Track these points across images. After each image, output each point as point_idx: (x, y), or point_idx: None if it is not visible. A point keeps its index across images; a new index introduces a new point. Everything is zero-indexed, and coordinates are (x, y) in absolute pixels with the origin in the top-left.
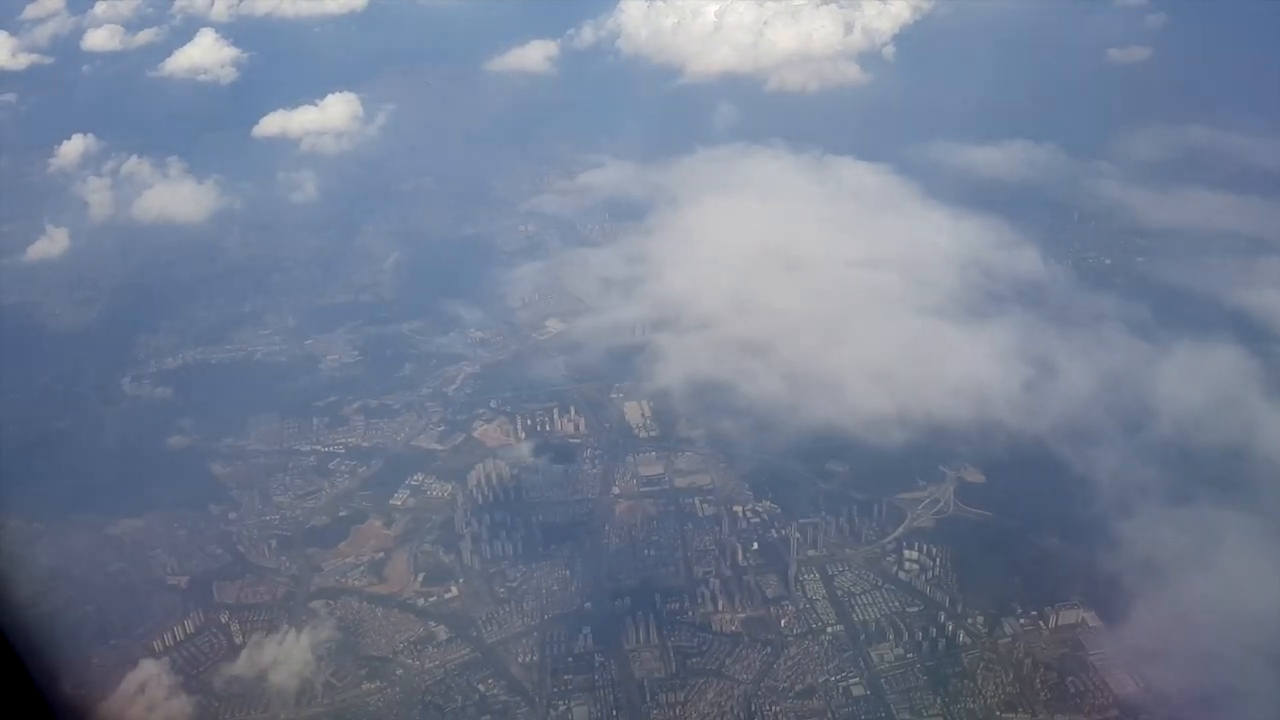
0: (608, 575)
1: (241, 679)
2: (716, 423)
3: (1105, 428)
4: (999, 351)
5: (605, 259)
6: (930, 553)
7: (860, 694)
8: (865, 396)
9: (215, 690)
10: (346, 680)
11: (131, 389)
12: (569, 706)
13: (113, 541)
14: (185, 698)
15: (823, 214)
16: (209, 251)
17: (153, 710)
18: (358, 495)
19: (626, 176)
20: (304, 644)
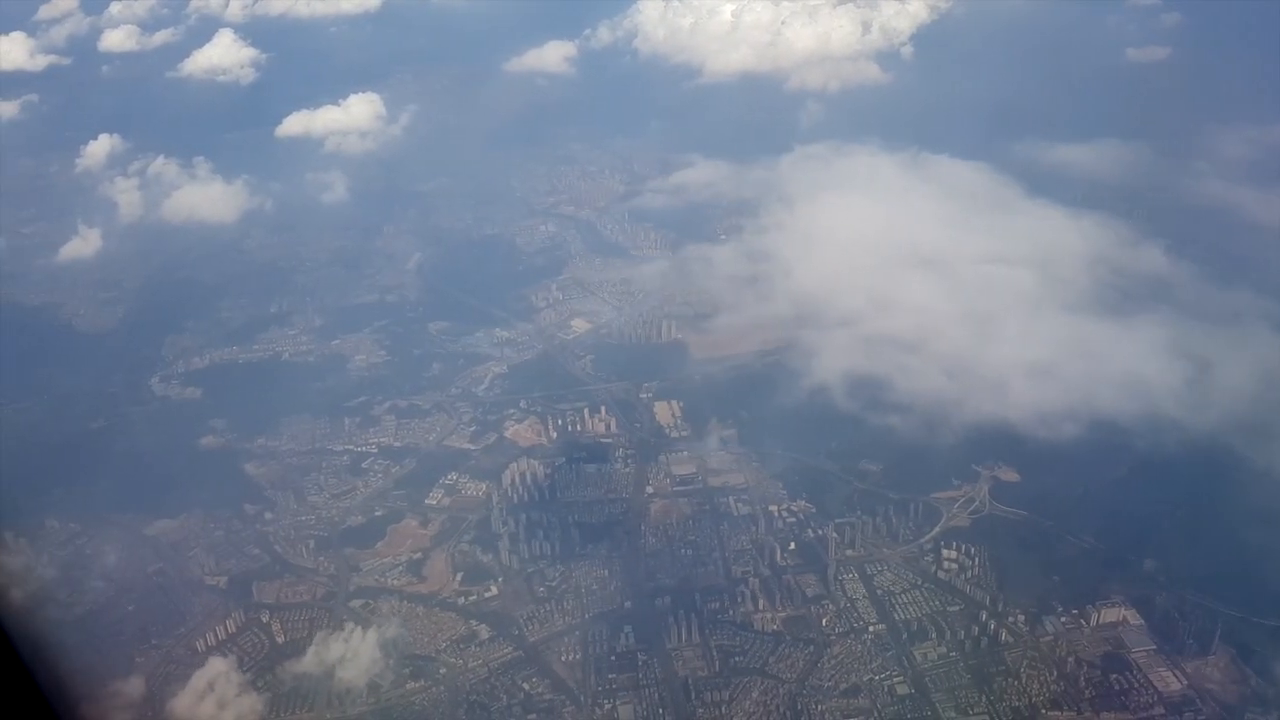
0: (646, 574)
1: (289, 678)
2: (883, 418)
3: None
4: (1152, 348)
5: (727, 256)
6: (968, 552)
7: (905, 693)
8: (1032, 393)
9: (263, 689)
10: (391, 679)
11: (161, 389)
12: (614, 705)
13: (150, 542)
14: (244, 696)
15: (934, 211)
16: (234, 252)
17: (202, 709)
18: (392, 495)
19: (722, 175)
20: (370, 641)
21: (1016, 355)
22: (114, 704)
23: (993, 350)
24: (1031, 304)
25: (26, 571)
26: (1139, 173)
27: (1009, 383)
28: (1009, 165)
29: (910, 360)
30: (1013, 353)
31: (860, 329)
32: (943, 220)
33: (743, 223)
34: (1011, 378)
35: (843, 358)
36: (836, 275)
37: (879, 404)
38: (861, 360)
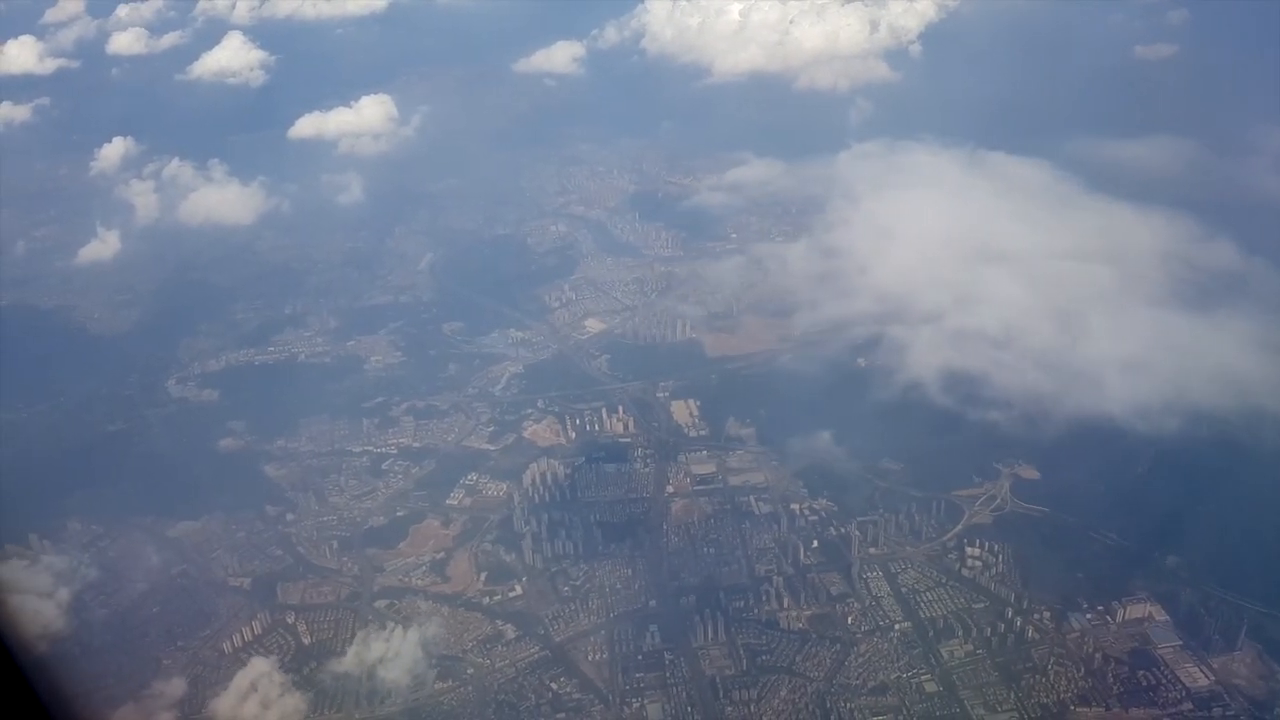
0: (669, 573)
1: (327, 678)
2: (984, 414)
3: None
4: (1243, 341)
5: (801, 253)
6: (992, 549)
7: (934, 690)
8: (1130, 387)
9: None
10: (417, 679)
11: (178, 391)
12: (642, 704)
13: (173, 544)
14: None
15: (1000, 208)
16: (247, 254)
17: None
18: (413, 495)
19: (777, 173)
20: (412, 641)
21: (1108, 350)
22: (154, 704)
23: (1083, 345)
24: (1113, 299)
25: (71, 572)
26: (1196, 168)
27: (1105, 377)
28: (1065, 161)
29: (1002, 355)
30: (1103, 347)
31: (945, 325)
32: (1010, 216)
33: (808, 220)
34: (1106, 372)
35: (934, 353)
36: (913, 271)
37: (976, 400)
38: (954, 356)
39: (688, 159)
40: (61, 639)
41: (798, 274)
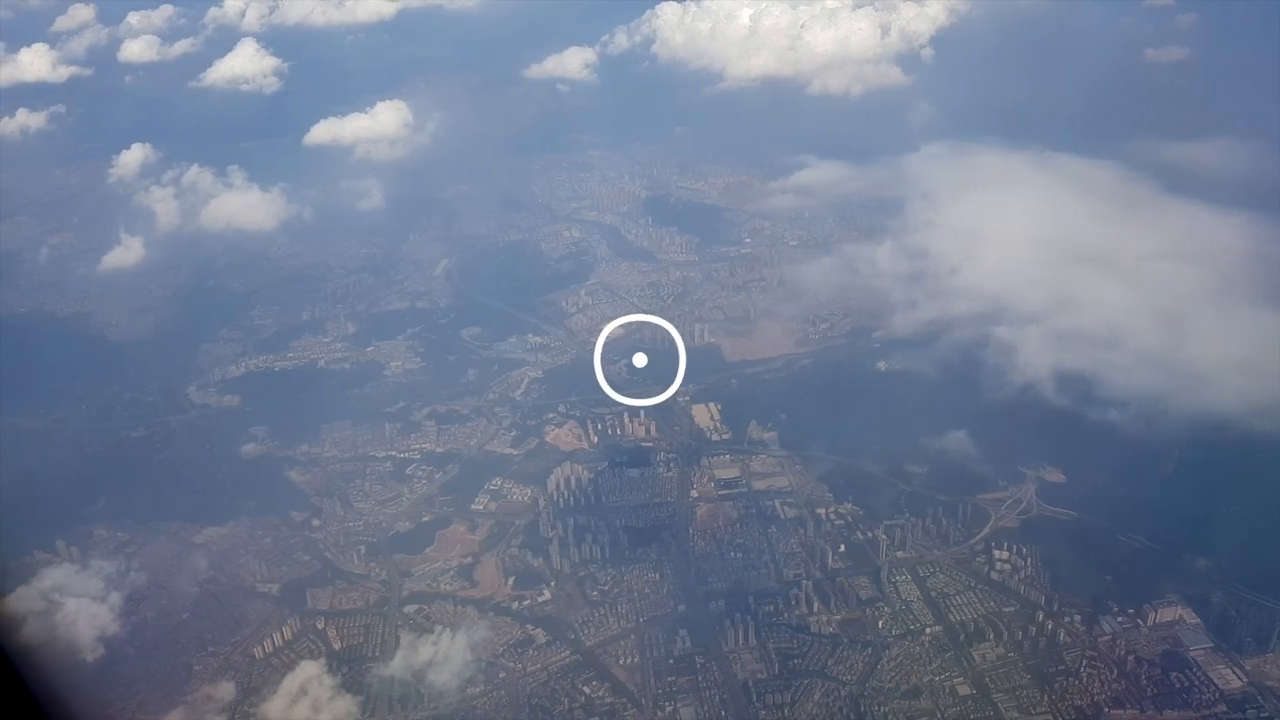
0: (697, 578)
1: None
2: (1102, 413)
3: None
4: None
5: (887, 254)
6: (1020, 552)
7: (967, 693)
8: (1248, 387)
9: None
10: (451, 685)
11: (199, 397)
12: (675, 708)
13: (199, 549)
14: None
15: (1079, 209)
16: (263, 260)
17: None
18: (438, 500)
19: (845, 175)
20: (461, 644)
21: (1218, 350)
22: (205, 708)
23: (1192, 345)
24: (1213, 300)
25: (120, 577)
26: (1261, 169)
27: (1220, 378)
28: (1131, 163)
29: (1113, 356)
30: (1213, 348)
31: (1049, 325)
32: (1091, 217)
33: (886, 222)
34: (1220, 373)
35: (1044, 354)
36: (1006, 272)
37: (1092, 400)
38: (1065, 356)
39: (697, 163)
40: (116, 642)
41: (888, 275)
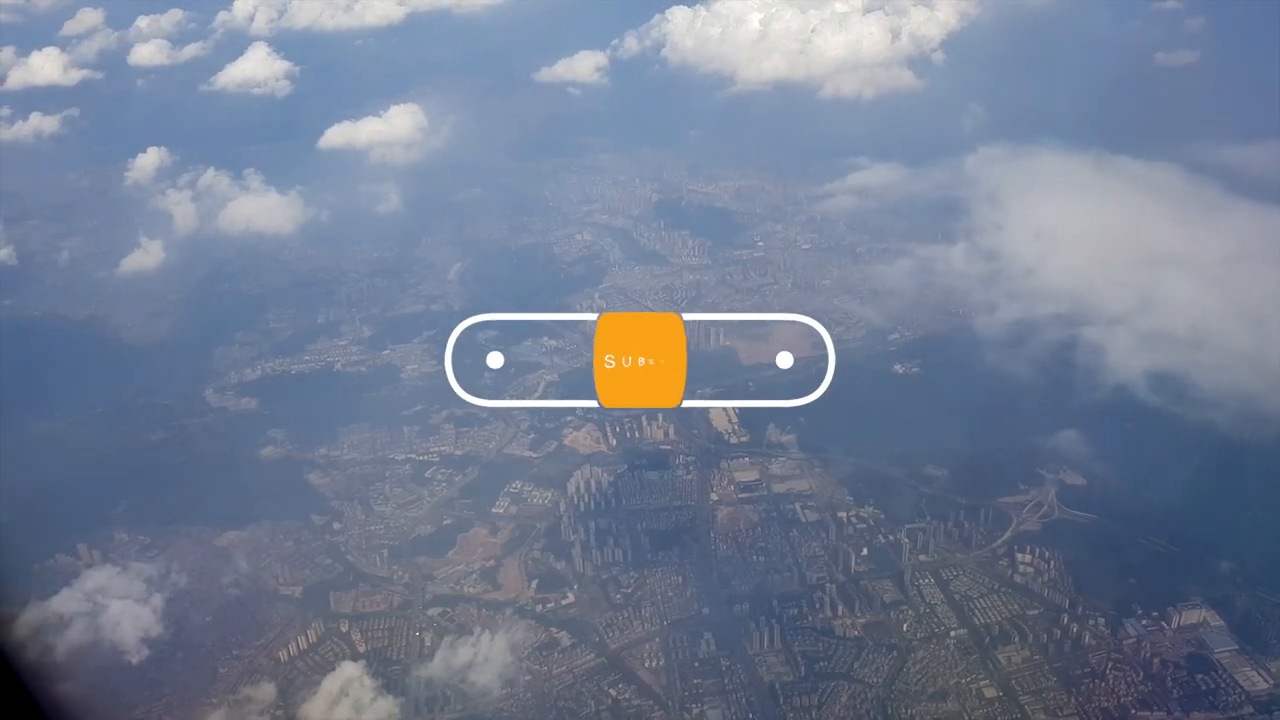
0: (720, 581)
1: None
2: (1204, 414)
3: None
4: None
5: (960, 256)
6: (1043, 555)
7: (993, 695)
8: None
9: None
10: (477, 688)
11: (216, 400)
12: (702, 710)
13: (221, 553)
14: None
15: (1147, 211)
16: (274, 263)
17: None
18: (458, 503)
19: (900, 178)
20: (501, 645)
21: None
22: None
23: None
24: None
25: (161, 578)
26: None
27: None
28: (1191, 165)
29: (1207, 358)
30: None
31: (1136, 325)
32: (1161, 219)
33: (950, 224)
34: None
35: (1136, 355)
36: (1084, 273)
37: (1188, 400)
38: (1157, 358)
39: (709, 167)
40: (161, 644)
41: (964, 276)
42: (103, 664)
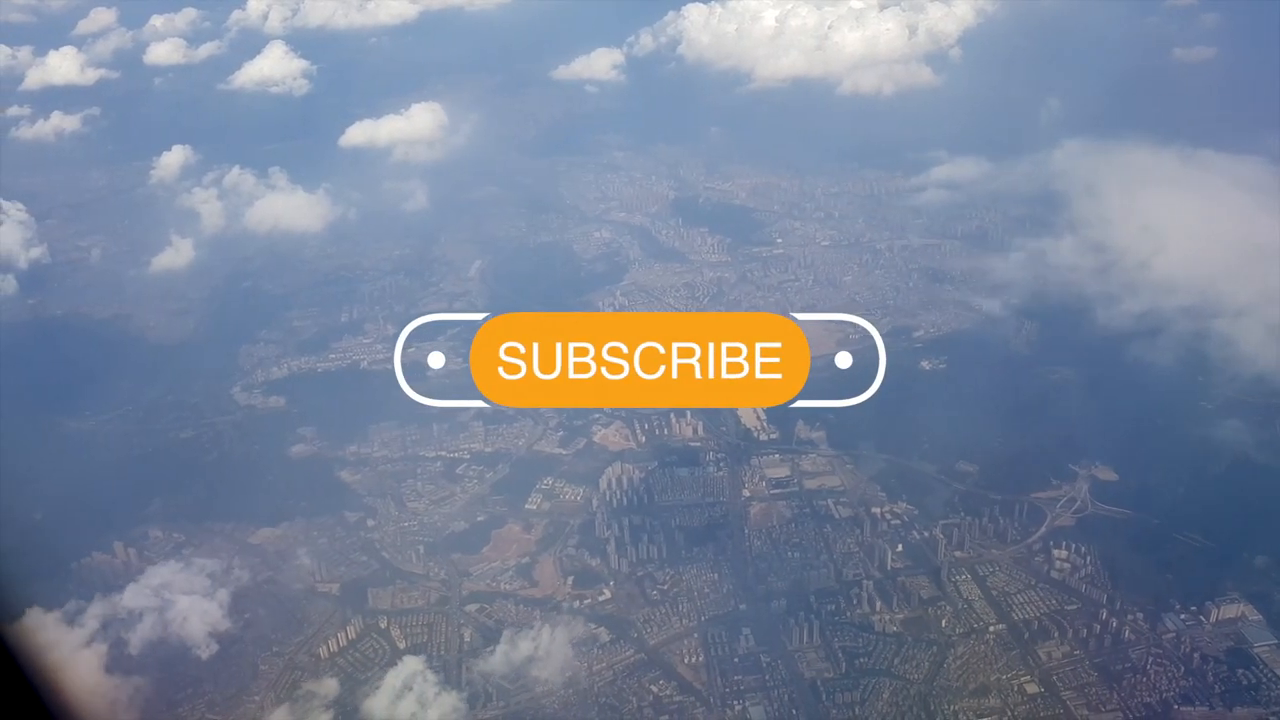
0: (756, 577)
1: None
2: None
3: None
4: None
5: (1068, 249)
6: (1079, 551)
7: (1035, 691)
8: None
9: None
10: (518, 683)
11: (244, 399)
12: (744, 706)
13: (256, 550)
14: None
15: (1245, 203)
16: (296, 262)
17: None
18: (491, 500)
19: (986, 172)
20: (561, 640)
21: None
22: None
23: None
24: None
25: (225, 574)
26: None
27: None
28: (1276, 158)
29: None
30: None
31: (1266, 316)
32: (1263, 210)
33: (1049, 218)
34: None
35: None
36: (1199, 265)
37: None
38: None
39: (724, 164)
40: (228, 638)
41: (1078, 269)
42: (145, 661)
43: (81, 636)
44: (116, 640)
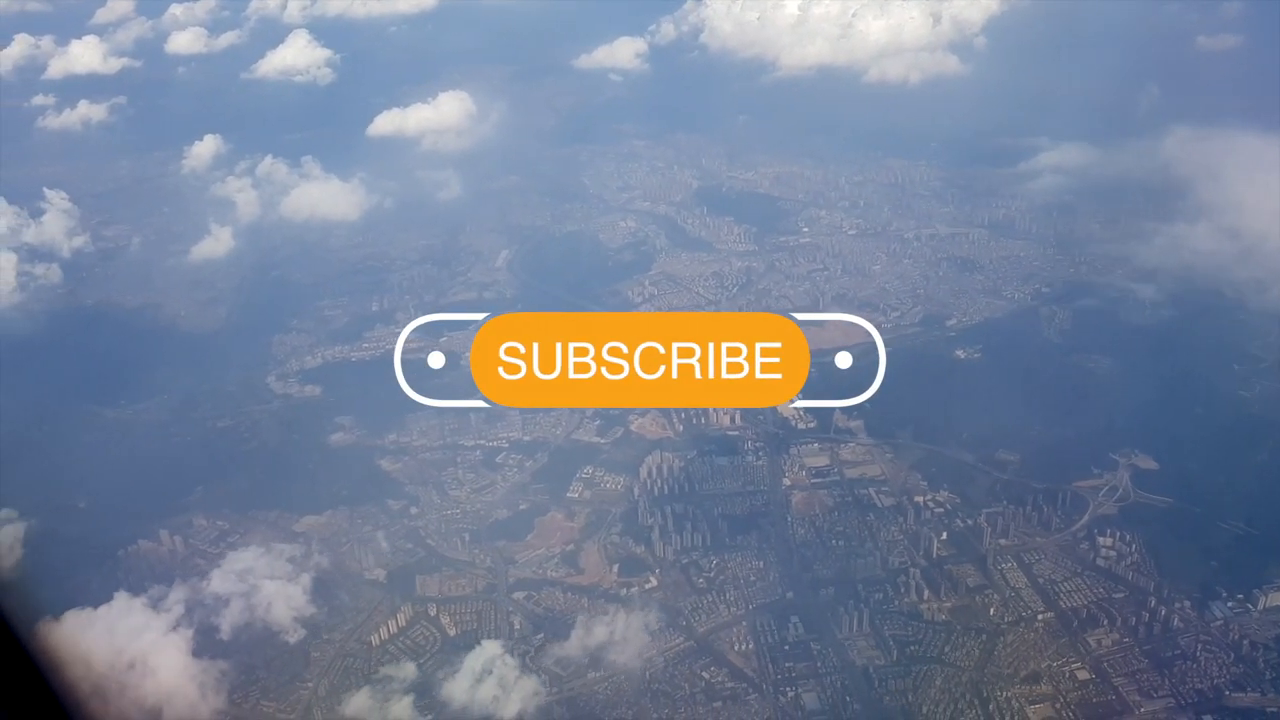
0: (802, 565)
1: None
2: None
3: None
4: None
5: (1202, 234)
6: (1124, 539)
7: (1086, 678)
8: None
9: None
10: (571, 669)
11: (279, 387)
12: (797, 693)
13: (301, 538)
14: None
15: None
16: (323, 251)
17: None
18: (532, 488)
19: (1094, 159)
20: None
21: None
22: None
23: None
24: None
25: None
26: None
27: None
28: None
29: None
30: None
31: None
32: None
33: (1175, 203)
34: None
35: None
36: None
37: None
38: None
39: (746, 153)
40: (312, 622)
41: (1222, 254)
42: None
43: (167, 621)
44: (206, 625)
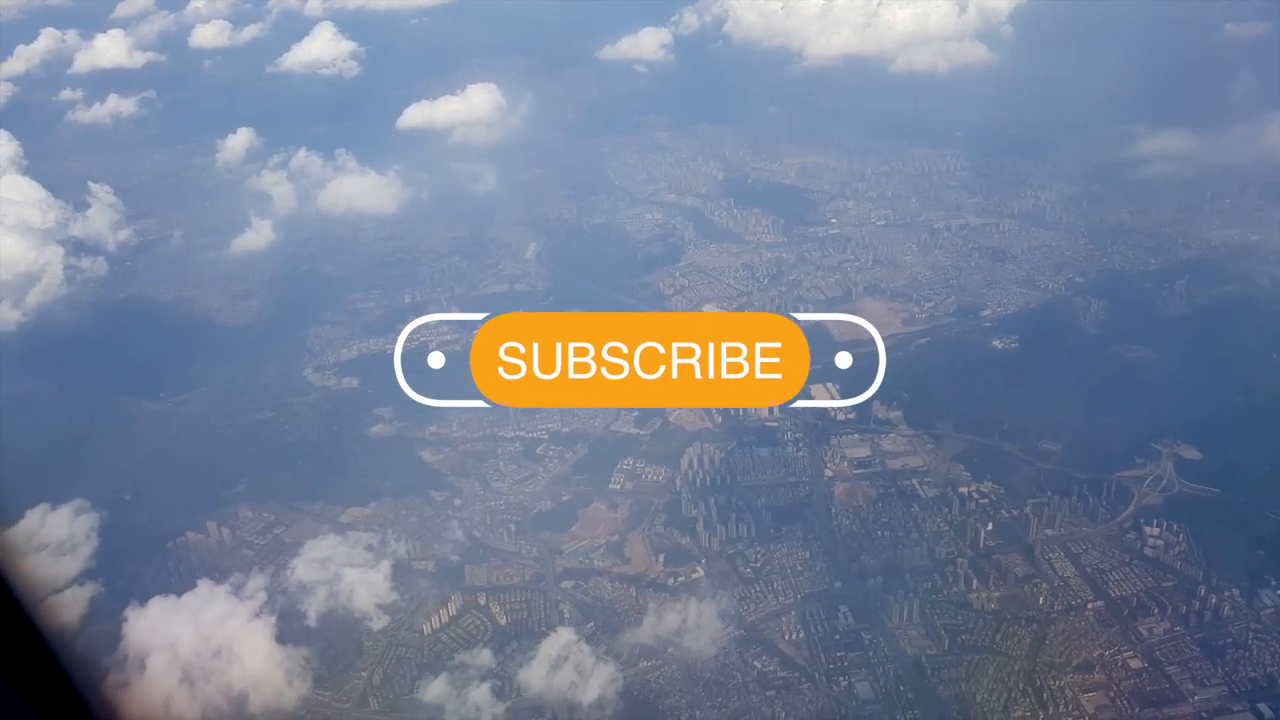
0: (848, 555)
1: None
2: None
3: None
4: None
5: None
6: (1171, 528)
7: (1138, 666)
8: None
9: None
10: (622, 659)
11: (317, 380)
12: (850, 682)
13: (346, 529)
14: None
15: None
16: (353, 245)
17: None
18: (573, 480)
19: (1193, 145)
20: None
21: None
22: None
23: None
24: None
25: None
26: None
27: None
28: None
29: None
30: None
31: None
32: None
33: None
34: None
35: None
36: None
37: None
38: None
39: (770, 144)
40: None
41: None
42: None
43: (251, 608)
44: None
